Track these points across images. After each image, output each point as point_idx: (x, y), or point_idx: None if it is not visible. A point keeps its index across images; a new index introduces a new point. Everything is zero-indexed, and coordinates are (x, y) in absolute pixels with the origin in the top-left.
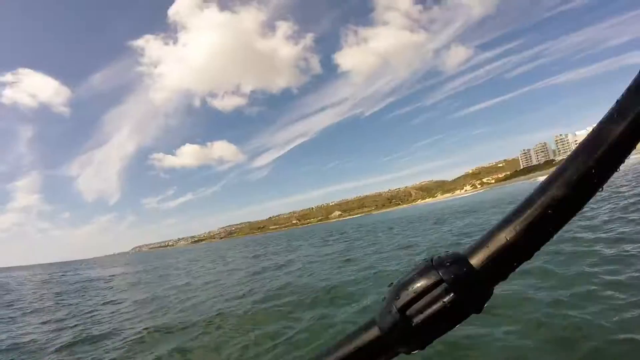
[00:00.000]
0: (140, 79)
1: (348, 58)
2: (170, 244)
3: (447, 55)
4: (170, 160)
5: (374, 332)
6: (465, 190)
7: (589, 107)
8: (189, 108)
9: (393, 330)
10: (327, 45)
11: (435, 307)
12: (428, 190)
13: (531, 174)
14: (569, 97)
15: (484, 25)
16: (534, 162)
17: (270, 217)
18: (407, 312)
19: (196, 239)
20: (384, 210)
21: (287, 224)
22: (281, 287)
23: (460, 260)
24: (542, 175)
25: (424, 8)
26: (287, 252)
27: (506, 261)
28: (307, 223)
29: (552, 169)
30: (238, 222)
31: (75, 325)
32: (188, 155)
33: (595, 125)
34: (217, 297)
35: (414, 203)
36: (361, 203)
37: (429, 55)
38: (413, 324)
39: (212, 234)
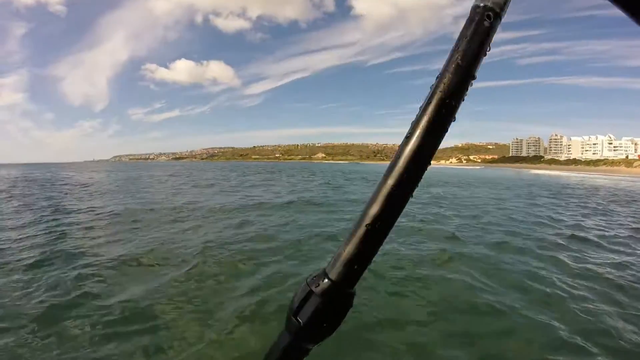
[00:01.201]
0: None
1: (364, 2)
2: (151, 157)
3: None
4: (162, 73)
5: (286, 338)
6: (451, 162)
7: (590, 116)
8: (190, 23)
9: (297, 332)
10: None
11: (314, 312)
12: None
13: (518, 164)
14: (573, 101)
15: (512, 4)
16: (524, 154)
17: (254, 147)
18: (299, 318)
19: (177, 156)
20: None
21: (269, 156)
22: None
23: (322, 274)
24: (528, 167)
25: None
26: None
27: (352, 270)
28: (290, 159)
29: (539, 165)
30: (222, 146)
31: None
32: (182, 70)
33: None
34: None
35: None
36: (346, 150)
37: (448, 20)
38: (304, 326)
39: (193, 153)
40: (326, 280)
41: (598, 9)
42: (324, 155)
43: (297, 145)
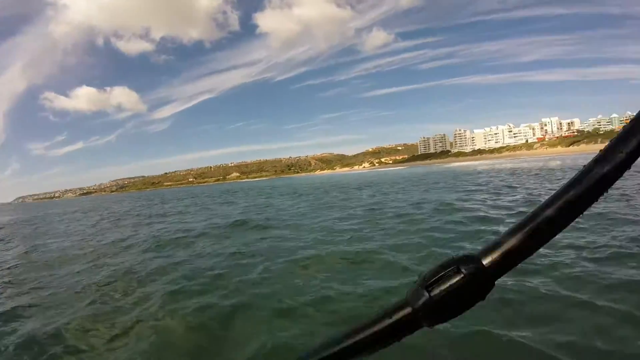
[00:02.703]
0: (42, 9)
1: (269, 20)
2: (56, 195)
3: (368, 37)
4: (62, 102)
5: (406, 310)
6: (364, 167)
7: (488, 110)
8: (91, 47)
9: (421, 306)
10: (249, 3)
11: (452, 290)
12: (328, 162)
13: (428, 160)
14: (472, 98)
15: (409, 15)
16: (432, 150)
17: (165, 173)
18: (432, 293)
19: (85, 191)
20: (284, 176)
21: (183, 182)
22: None
23: (474, 258)
24: (438, 162)
25: None
26: None
27: (508, 261)
28: (204, 182)
29: (447, 159)
30: (132, 176)
31: None
32: (83, 98)
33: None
34: None
35: (312, 172)
36: (260, 167)
37: (350, 33)
38: (435, 302)
39: (102, 187)
40: (476, 263)
41: (489, 14)
42: (238, 174)
43: (210, 167)
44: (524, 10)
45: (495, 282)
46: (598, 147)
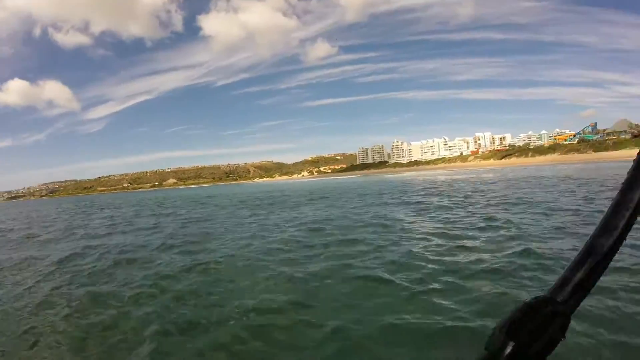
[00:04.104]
0: None
1: (213, 23)
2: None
3: (311, 47)
4: None
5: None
6: (303, 176)
7: (425, 124)
8: (27, 36)
9: (507, 356)
10: (195, 4)
11: (535, 334)
12: (267, 170)
13: (365, 170)
14: (409, 112)
15: (352, 30)
16: (370, 161)
17: (99, 178)
18: (516, 340)
19: (13, 195)
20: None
21: (117, 187)
22: None
23: (549, 298)
24: (375, 172)
25: None
26: None
27: (579, 295)
28: (139, 188)
29: (385, 169)
30: (63, 180)
31: None
32: (14, 92)
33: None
34: None
35: (252, 180)
36: (198, 173)
37: (295, 42)
38: (521, 349)
39: (31, 190)
40: (552, 302)
41: (429, 34)
42: (175, 180)
43: (146, 172)
44: (462, 33)
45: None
46: (528, 160)
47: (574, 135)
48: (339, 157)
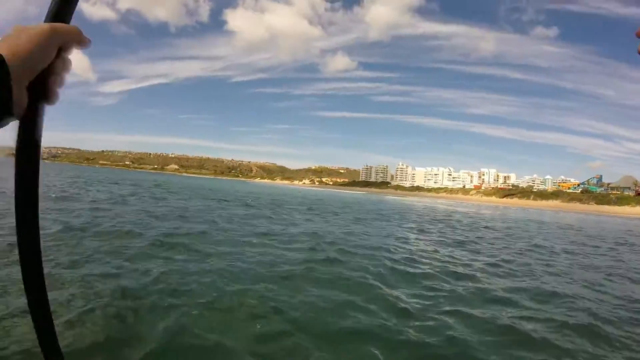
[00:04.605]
0: None
1: (239, 19)
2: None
3: (331, 59)
4: None
5: None
6: (304, 183)
7: (431, 151)
8: None
9: None
10: None
11: None
12: (269, 171)
13: (367, 188)
14: (418, 137)
15: (374, 48)
16: (373, 179)
17: (103, 151)
18: None
19: (12, 152)
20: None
21: (119, 163)
22: None
23: None
24: (376, 192)
25: (330, 8)
26: None
27: None
28: (141, 168)
29: (386, 190)
30: (67, 147)
31: None
32: None
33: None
34: None
35: (253, 179)
36: (201, 164)
37: (315, 51)
38: None
39: None
40: None
41: (449, 64)
42: (177, 167)
43: (150, 154)
44: (481, 67)
45: None
46: (530, 203)
47: (579, 185)
48: (342, 171)
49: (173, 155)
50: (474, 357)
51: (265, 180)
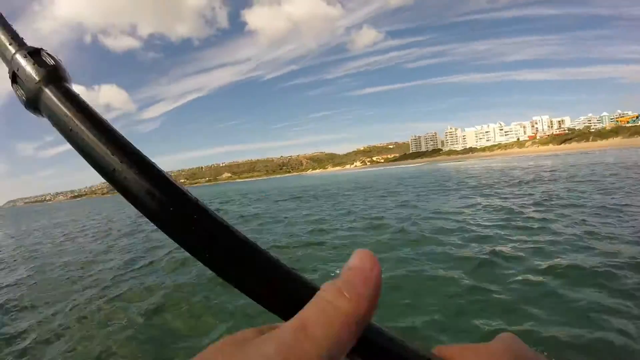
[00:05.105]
0: (29, 3)
1: (258, 17)
2: (47, 198)
3: (357, 35)
4: None
5: None
6: (355, 166)
7: (478, 109)
8: (79, 44)
9: None
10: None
11: None
12: (319, 161)
13: (418, 159)
14: (462, 97)
15: (398, 14)
16: (423, 149)
17: None
18: None
19: (76, 194)
20: (276, 176)
21: None
22: None
23: None
24: (429, 161)
25: None
26: None
27: None
28: (196, 183)
29: (439, 157)
30: None
31: None
32: None
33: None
34: None
35: (304, 172)
36: (252, 167)
37: (340, 31)
38: None
39: (93, 189)
40: None
41: (478, 14)
42: (229, 174)
43: (202, 167)
44: (513, 10)
45: None
46: (589, 145)
47: (638, 117)
48: (391, 147)
49: (224, 164)
50: None
51: (317, 170)
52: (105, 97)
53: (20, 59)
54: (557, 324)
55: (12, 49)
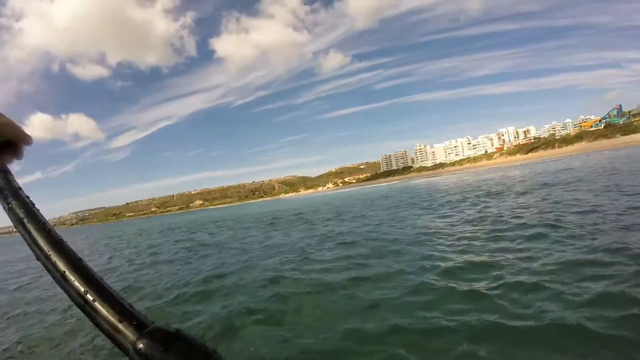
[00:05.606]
0: None
1: (226, 45)
2: (13, 230)
3: (325, 59)
4: None
5: None
6: (328, 187)
7: (447, 124)
8: (46, 73)
9: None
10: (207, 28)
11: None
12: (291, 184)
13: (390, 178)
14: (430, 114)
15: (363, 37)
16: (394, 167)
17: (127, 204)
18: None
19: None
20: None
21: (145, 212)
22: None
23: None
24: (400, 179)
25: (311, 10)
26: None
27: None
28: (167, 211)
29: (409, 175)
30: (92, 207)
31: None
32: (38, 126)
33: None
34: None
35: (277, 196)
36: (224, 193)
37: (308, 56)
38: None
39: (62, 220)
40: None
41: (440, 33)
42: (201, 202)
43: (173, 195)
44: (474, 28)
45: None
46: (556, 152)
47: (600, 121)
48: (362, 167)
49: (195, 192)
50: None
51: (290, 194)
52: (73, 126)
53: None
54: None
55: None
